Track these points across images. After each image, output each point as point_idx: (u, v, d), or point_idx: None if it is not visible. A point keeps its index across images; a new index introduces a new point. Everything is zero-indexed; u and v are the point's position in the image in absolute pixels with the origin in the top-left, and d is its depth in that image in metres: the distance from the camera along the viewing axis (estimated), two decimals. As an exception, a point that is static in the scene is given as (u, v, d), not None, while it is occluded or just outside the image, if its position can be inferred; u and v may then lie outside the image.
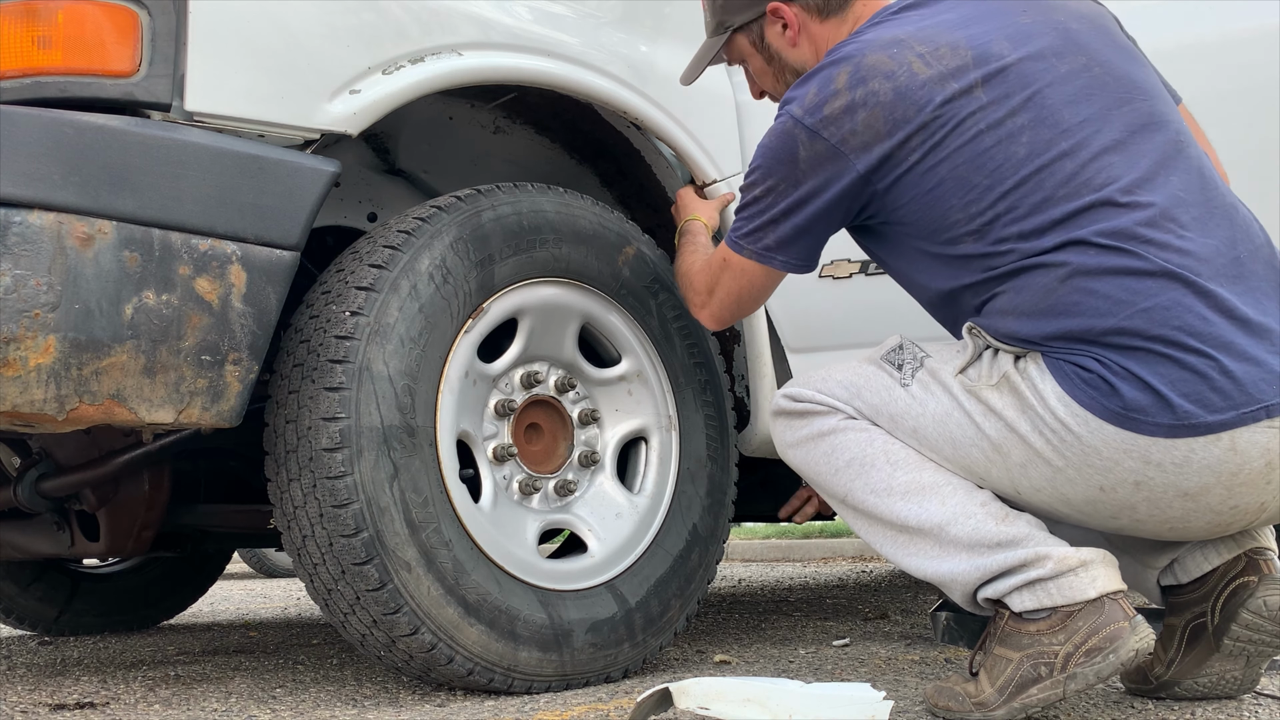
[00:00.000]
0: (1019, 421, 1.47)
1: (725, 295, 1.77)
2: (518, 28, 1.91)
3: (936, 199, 1.52)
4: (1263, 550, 1.56)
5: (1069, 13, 1.59)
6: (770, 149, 1.59)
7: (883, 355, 1.62)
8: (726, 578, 5.26)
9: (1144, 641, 1.41)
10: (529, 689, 1.81)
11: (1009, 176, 1.48)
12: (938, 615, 2.41)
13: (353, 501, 1.64)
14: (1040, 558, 1.45)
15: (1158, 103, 1.55)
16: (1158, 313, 1.40)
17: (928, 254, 1.57)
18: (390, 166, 2.27)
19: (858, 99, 1.52)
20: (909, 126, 1.50)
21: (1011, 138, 1.49)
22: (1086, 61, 1.54)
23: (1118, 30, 1.63)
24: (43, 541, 2.52)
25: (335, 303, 1.72)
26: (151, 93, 1.54)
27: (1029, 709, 1.44)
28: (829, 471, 1.61)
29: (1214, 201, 1.49)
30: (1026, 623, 1.46)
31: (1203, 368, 1.38)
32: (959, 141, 1.50)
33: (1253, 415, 1.38)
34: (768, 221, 1.62)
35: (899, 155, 1.52)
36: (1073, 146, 1.48)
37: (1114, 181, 1.46)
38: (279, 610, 4.09)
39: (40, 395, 1.43)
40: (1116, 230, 1.44)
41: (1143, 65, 1.60)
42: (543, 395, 1.98)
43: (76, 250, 1.44)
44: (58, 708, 1.90)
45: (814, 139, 1.54)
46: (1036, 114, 1.49)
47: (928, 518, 1.52)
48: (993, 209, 1.49)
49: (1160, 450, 1.40)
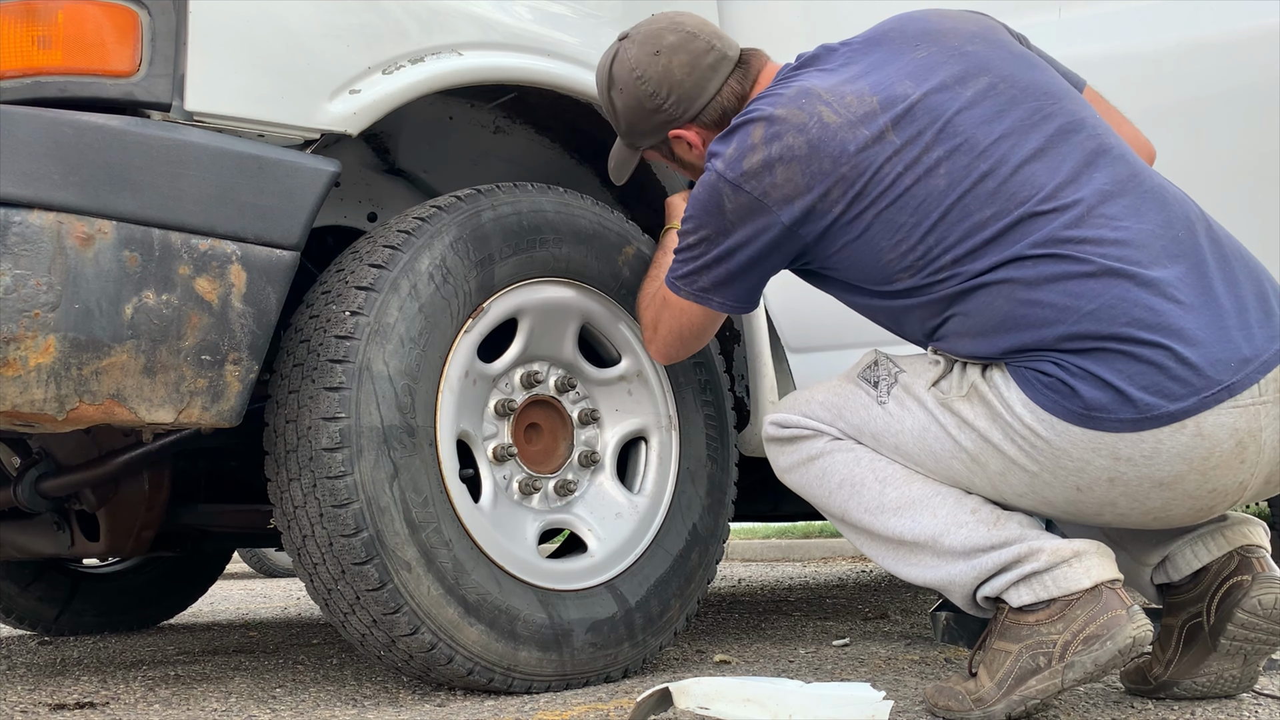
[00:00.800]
0: (991, 431, 1.50)
1: (668, 332, 1.82)
2: (518, 27, 1.91)
3: (867, 243, 1.55)
4: (1254, 548, 1.57)
5: (963, 36, 1.61)
6: (699, 200, 1.62)
7: (859, 374, 1.66)
8: (726, 578, 5.26)
9: (1141, 629, 1.42)
10: (529, 689, 1.81)
11: (934, 210, 1.50)
12: (938, 615, 2.42)
13: (353, 501, 1.64)
14: (1034, 551, 1.47)
15: (1067, 103, 1.57)
16: (1104, 312, 1.42)
17: (869, 292, 1.61)
18: (390, 166, 2.27)
19: (774, 154, 1.55)
20: (827, 180, 1.53)
21: (930, 172, 1.51)
22: (991, 80, 1.56)
23: (1010, 39, 1.65)
24: (43, 541, 2.52)
25: (335, 302, 1.72)
26: (151, 92, 1.54)
27: (1028, 700, 1.45)
28: (824, 494, 1.66)
29: (1143, 186, 1.50)
30: (1025, 614, 1.47)
31: (1158, 359, 1.39)
32: (879, 188, 1.52)
33: (1215, 398, 1.39)
34: (701, 267, 1.66)
35: (821, 208, 1.55)
36: (992, 166, 1.50)
37: (1038, 191, 1.48)
38: (279, 610, 4.09)
39: (40, 395, 1.43)
40: (1047, 238, 1.46)
41: (1042, 69, 1.62)
42: (543, 395, 1.98)
43: (76, 250, 1.44)
44: (58, 708, 1.90)
45: (737, 192, 1.57)
46: (951, 143, 1.52)
47: (921, 531, 1.55)
48: (923, 243, 1.51)
49: (1128, 445, 1.41)
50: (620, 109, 1.78)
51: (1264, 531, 1.60)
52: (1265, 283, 1.48)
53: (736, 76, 1.72)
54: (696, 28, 1.74)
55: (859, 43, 1.65)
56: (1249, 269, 1.48)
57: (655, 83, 1.72)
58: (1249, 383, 1.40)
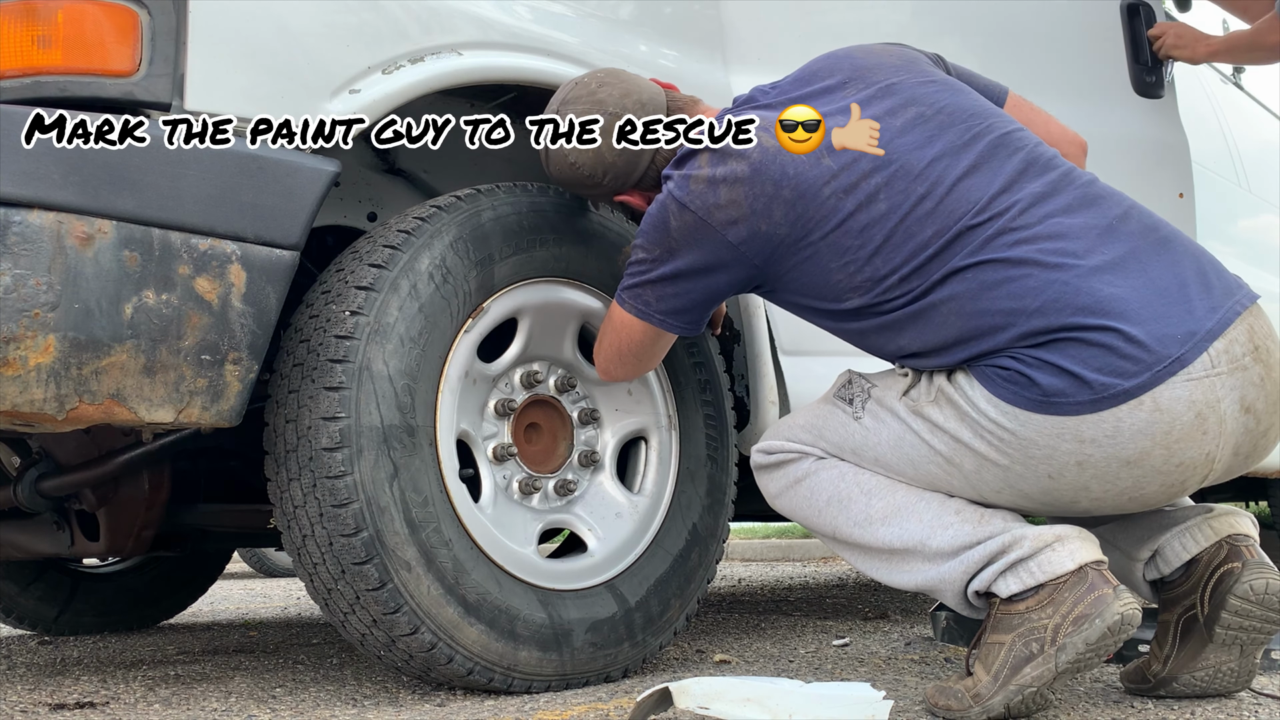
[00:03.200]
0: (961, 430, 1.54)
1: (608, 347, 1.85)
2: (518, 27, 1.91)
3: (816, 265, 1.61)
4: (1242, 537, 1.60)
5: (887, 69, 1.68)
6: (650, 217, 1.68)
7: (835, 393, 1.71)
8: (726, 578, 5.26)
9: (1128, 606, 1.44)
10: (529, 688, 1.81)
11: (877, 234, 1.56)
12: (937, 615, 2.42)
13: (352, 501, 1.64)
14: (1017, 540, 1.51)
15: (994, 120, 1.64)
16: (1049, 307, 1.46)
17: (824, 311, 1.66)
18: (390, 166, 2.27)
19: (718, 175, 1.61)
20: (770, 201, 1.59)
21: (870, 199, 1.57)
22: (920, 110, 1.62)
23: (931, 67, 1.72)
24: (43, 541, 2.52)
25: (335, 302, 1.72)
26: (151, 92, 1.54)
27: (1024, 689, 1.46)
28: (813, 513, 1.70)
29: (1074, 185, 1.56)
30: (1015, 604, 1.50)
31: (1107, 340, 1.44)
32: (821, 212, 1.58)
33: (1167, 370, 1.43)
34: (646, 282, 1.71)
35: (766, 229, 1.60)
36: (929, 188, 1.56)
37: (974, 205, 1.54)
38: (279, 610, 4.09)
39: (40, 395, 1.43)
40: (983, 243, 1.51)
41: (964, 92, 1.68)
42: (543, 395, 1.98)
43: (76, 250, 1.44)
44: (58, 708, 1.90)
45: (683, 210, 1.63)
46: (887, 171, 1.58)
47: (909, 536, 1.59)
48: (870, 265, 1.57)
49: (1090, 426, 1.45)
50: (560, 181, 1.85)
51: (1251, 522, 1.64)
52: (1203, 260, 1.53)
53: (668, 138, 1.76)
54: (617, 103, 1.76)
55: (788, 83, 1.72)
56: (1186, 249, 1.53)
57: (590, 168, 1.79)
58: (1196, 353, 1.44)
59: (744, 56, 2.28)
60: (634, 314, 1.74)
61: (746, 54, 2.29)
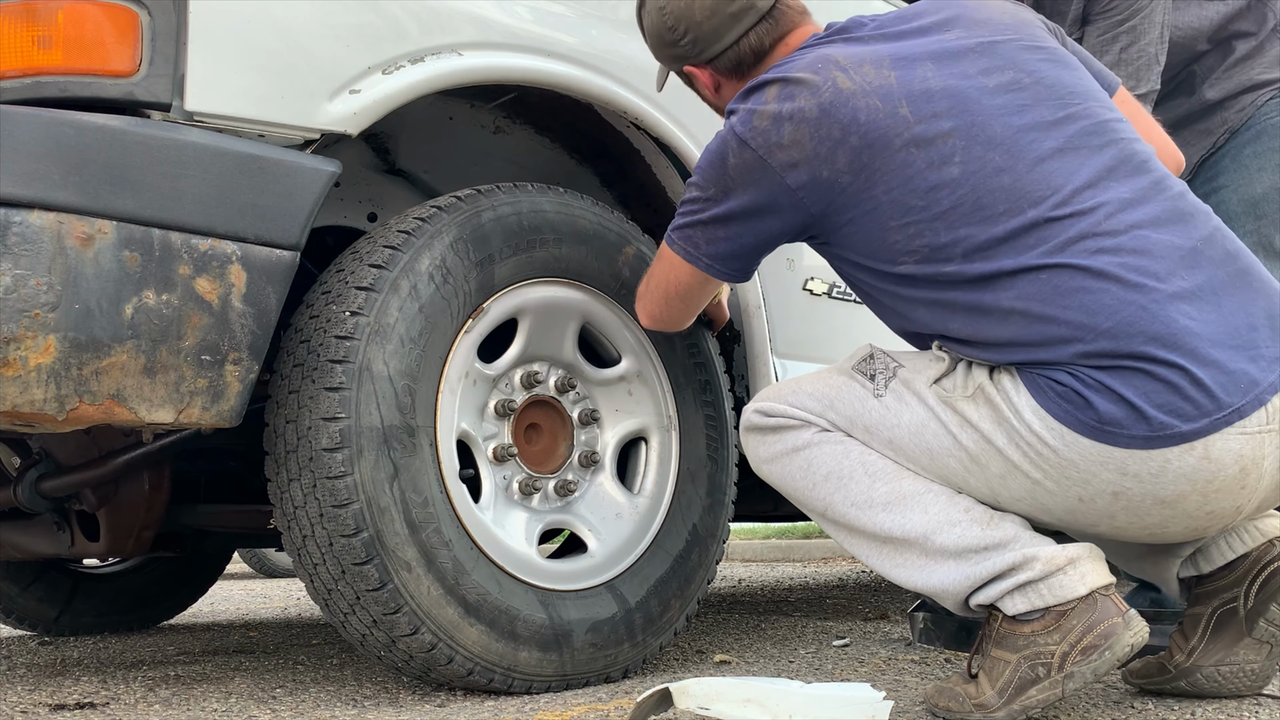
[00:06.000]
0: (995, 434, 1.48)
1: (655, 288, 1.79)
2: (517, 27, 1.91)
3: (875, 220, 1.52)
4: None
5: (994, 27, 1.58)
6: (708, 154, 1.61)
7: (854, 365, 1.62)
8: (726, 578, 5.26)
9: (1137, 636, 1.42)
10: (529, 689, 1.81)
11: (945, 199, 1.47)
12: (915, 616, 2.40)
13: (353, 501, 1.64)
14: (1028, 560, 1.46)
15: (1094, 105, 1.53)
16: (1121, 330, 1.39)
17: (875, 271, 1.57)
18: (390, 166, 2.26)
19: (784, 113, 1.52)
20: (835, 147, 1.50)
21: (945, 159, 1.47)
22: (1016, 75, 1.53)
23: (1045, 35, 1.62)
24: (43, 541, 2.52)
25: (335, 303, 1.72)
26: (151, 92, 1.54)
27: (1029, 710, 1.44)
28: (807, 486, 1.61)
29: (1164, 196, 1.48)
30: (1020, 624, 1.46)
31: (1174, 378, 1.38)
32: (889, 165, 1.49)
33: (1225, 420, 1.38)
34: (698, 223, 1.64)
35: (827, 175, 1.52)
36: (1009, 160, 1.46)
37: (1054, 192, 1.45)
38: (279, 610, 4.09)
39: (40, 395, 1.43)
40: (1061, 245, 1.43)
41: (1073, 68, 1.58)
42: (543, 395, 1.98)
43: (76, 250, 1.44)
44: (58, 708, 1.90)
45: (743, 148, 1.56)
46: (969, 132, 1.48)
47: (911, 528, 1.52)
48: (931, 230, 1.48)
49: (1137, 462, 1.40)
50: (645, 29, 1.80)
51: None
52: (1275, 301, 1.45)
53: (761, 30, 1.69)
54: None
55: (889, 18, 1.62)
56: (1262, 286, 1.46)
57: (675, 18, 1.72)
58: (1255, 406, 1.39)
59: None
60: (682, 256, 1.68)
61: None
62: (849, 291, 2.37)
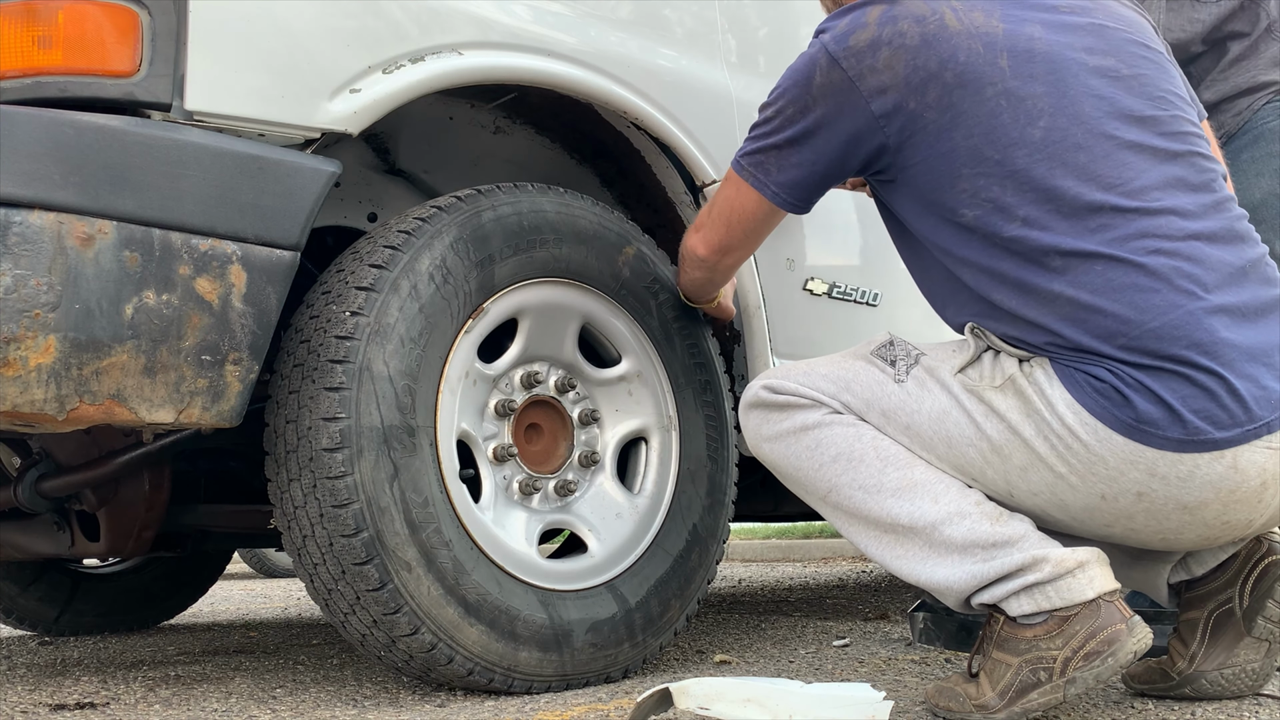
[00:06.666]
0: (1023, 425, 1.47)
1: (718, 215, 1.75)
2: (517, 27, 1.91)
3: (948, 166, 1.50)
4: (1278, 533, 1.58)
5: (1108, 13, 1.59)
6: (792, 70, 1.58)
7: (873, 351, 1.60)
8: (726, 578, 5.26)
9: (1141, 642, 1.41)
10: (529, 689, 1.81)
11: (1020, 158, 1.46)
12: (915, 616, 2.40)
13: (353, 501, 1.64)
14: (1037, 561, 1.45)
15: (1180, 114, 1.54)
16: (1167, 331, 1.40)
17: (933, 219, 1.55)
18: (390, 166, 2.27)
19: (884, 36, 1.50)
20: (928, 79, 1.49)
21: (1030, 120, 1.47)
22: (1117, 64, 1.53)
23: (1155, 39, 1.63)
24: (43, 541, 2.52)
25: (335, 303, 1.72)
26: (152, 92, 1.54)
27: (1030, 712, 1.44)
28: (812, 466, 1.57)
29: (1223, 214, 1.49)
30: (1023, 627, 1.45)
31: (1212, 385, 1.39)
32: (977, 111, 1.48)
33: (1254, 433, 1.40)
34: (771, 145, 1.61)
35: (914, 107, 1.50)
36: (1088, 140, 1.47)
37: (1124, 182, 1.45)
38: (279, 610, 4.09)
39: (40, 395, 1.43)
40: (1123, 238, 1.43)
41: (1172, 76, 1.59)
42: (543, 395, 1.98)
43: (77, 250, 1.44)
44: (58, 708, 1.90)
45: (833, 67, 1.53)
46: (1058, 102, 1.48)
47: (920, 516, 1.50)
48: (999, 184, 1.47)
49: (1167, 464, 1.41)
50: None
51: None
52: None
53: None
54: None
55: None
56: None
57: None
58: None
59: (744, 57, 2.28)
60: (750, 183, 1.64)
61: (747, 55, 2.29)
62: (849, 292, 2.37)
